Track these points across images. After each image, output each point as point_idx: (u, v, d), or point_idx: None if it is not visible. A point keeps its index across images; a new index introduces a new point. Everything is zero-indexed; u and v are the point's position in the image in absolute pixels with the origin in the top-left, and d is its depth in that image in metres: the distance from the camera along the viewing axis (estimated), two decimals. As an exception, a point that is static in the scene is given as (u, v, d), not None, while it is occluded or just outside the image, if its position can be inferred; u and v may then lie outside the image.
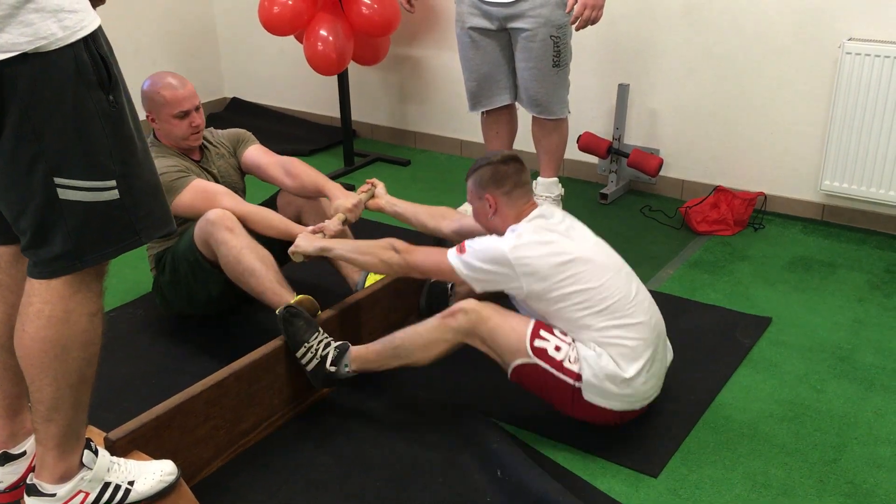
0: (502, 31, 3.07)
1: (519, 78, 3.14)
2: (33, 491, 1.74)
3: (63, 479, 1.74)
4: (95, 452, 1.79)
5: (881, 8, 3.28)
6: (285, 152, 4.52)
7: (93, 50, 1.51)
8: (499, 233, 2.31)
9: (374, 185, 2.78)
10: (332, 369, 2.31)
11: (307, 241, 2.47)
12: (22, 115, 1.47)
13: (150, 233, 1.68)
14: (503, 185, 2.31)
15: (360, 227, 2.75)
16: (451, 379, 2.48)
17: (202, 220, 2.55)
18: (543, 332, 2.19)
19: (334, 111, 4.65)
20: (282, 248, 2.57)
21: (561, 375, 2.17)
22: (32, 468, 1.79)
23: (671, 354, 2.39)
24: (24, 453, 1.89)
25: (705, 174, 3.87)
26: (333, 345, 2.32)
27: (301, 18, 3.94)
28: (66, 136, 1.51)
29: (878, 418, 2.38)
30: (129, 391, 2.52)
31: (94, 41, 1.52)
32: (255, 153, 2.91)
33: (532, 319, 2.22)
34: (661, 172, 3.86)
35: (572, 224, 2.32)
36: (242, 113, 5.22)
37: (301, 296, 2.43)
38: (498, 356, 2.23)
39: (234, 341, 2.69)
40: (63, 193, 1.54)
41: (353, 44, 4.06)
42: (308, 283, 2.76)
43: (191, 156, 2.81)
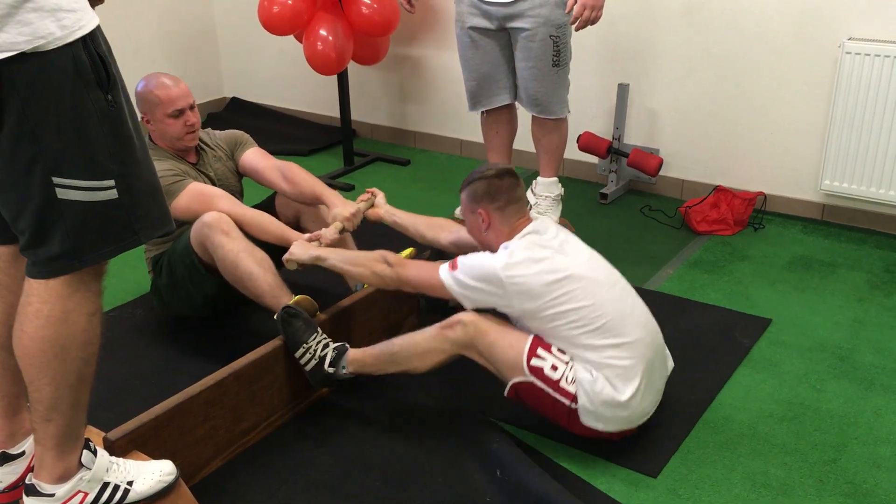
0: (502, 30, 3.07)
1: (519, 77, 3.13)
2: (32, 491, 1.74)
3: (62, 479, 1.74)
4: (94, 452, 1.79)
5: (881, 8, 3.28)
6: (285, 152, 4.58)
7: (91, 49, 1.51)
8: (492, 248, 2.29)
9: (373, 194, 2.76)
10: (331, 370, 2.31)
11: (301, 249, 2.45)
12: (20, 114, 1.47)
13: (148, 232, 1.68)
14: (496, 200, 2.28)
15: (362, 229, 2.74)
16: (451, 379, 2.48)
17: (198, 223, 2.54)
18: (541, 351, 2.16)
19: (334, 111, 4.64)
20: (279, 249, 2.56)
21: (557, 396, 2.15)
22: (31, 468, 1.79)
23: (671, 363, 2.36)
24: (22, 453, 1.89)
25: (705, 174, 3.87)
26: (332, 346, 2.32)
27: (301, 18, 3.94)
28: (65, 135, 1.51)
29: (877, 418, 2.38)
30: (128, 391, 2.52)
31: (92, 40, 1.52)
32: (253, 156, 2.88)
33: (530, 336, 2.19)
34: (660, 172, 3.85)
35: (566, 239, 2.28)
36: (242, 113, 5.21)
37: (300, 296, 2.42)
38: (495, 370, 2.22)
39: (233, 341, 2.68)
40: (62, 193, 1.54)
41: (353, 43, 4.06)
42: (307, 284, 2.76)
43: (187, 158, 2.79)
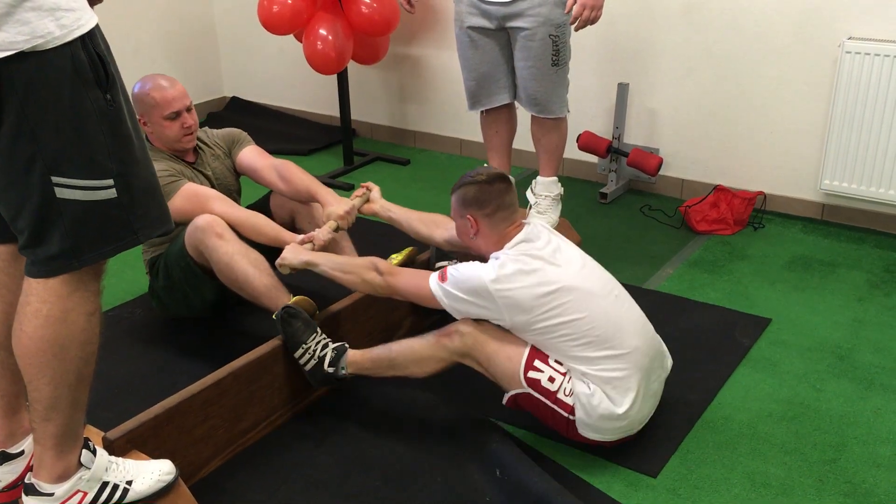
0: (501, 30, 3.07)
1: (518, 77, 3.13)
2: (31, 490, 1.74)
3: (61, 478, 1.74)
4: (94, 452, 1.79)
5: (881, 7, 3.28)
6: (285, 152, 4.57)
7: (90, 48, 1.51)
8: (480, 253, 2.28)
9: (368, 188, 2.75)
10: (330, 370, 2.30)
11: (293, 253, 2.43)
12: (19, 113, 1.47)
13: (147, 232, 1.68)
14: (486, 207, 2.24)
15: (362, 228, 2.74)
16: (450, 379, 2.47)
17: (191, 226, 2.52)
18: (538, 363, 2.15)
19: (334, 110, 4.64)
20: (274, 249, 2.53)
21: (555, 407, 2.15)
22: (30, 467, 1.78)
23: (669, 362, 2.35)
24: (22, 452, 1.89)
25: (705, 173, 3.86)
26: (331, 346, 2.32)
27: (300, 17, 3.94)
28: (64, 134, 1.51)
29: (877, 417, 2.38)
30: (128, 391, 2.52)
31: (91, 40, 1.51)
32: (250, 155, 2.87)
33: (527, 347, 2.17)
34: (660, 172, 3.85)
35: (559, 245, 2.23)
36: (242, 112, 5.21)
37: (298, 297, 2.42)
38: (493, 380, 2.22)
39: (232, 341, 2.68)
40: (60, 192, 1.53)
41: (353, 43, 4.06)
42: (307, 283, 2.75)
43: (185, 158, 2.78)
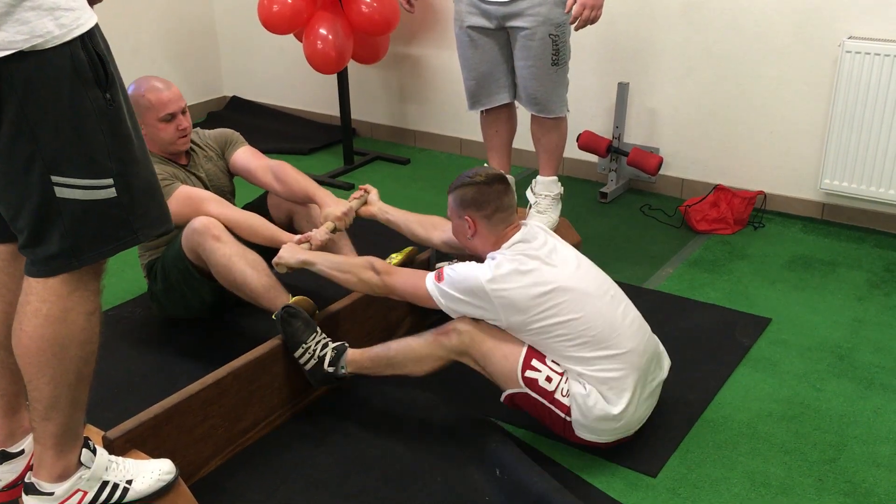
0: (501, 29, 3.07)
1: (518, 76, 3.13)
2: (31, 489, 1.74)
3: (61, 477, 1.74)
4: (94, 451, 1.79)
5: (881, 7, 3.28)
6: (285, 151, 4.58)
7: (90, 48, 1.51)
8: (477, 253, 2.28)
9: (366, 191, 2.74)
10: (330, 370, 2.30)
11: (290, 253, 2.42)
12: (19, 113, 1.47)
13: (147, 231, 1.68)
14: (484, 208, 2.23)
15: (360, 228, 2.73)
16: (450, 378, 2.47)
17: (187, 229, 2.51)
18: (535, 362, 2.15)
19: (334, 110, 4.64)
20: (272, 250, 2.52)
21: (552, 407, 2.15)
22: (30, 467, 1.78)
23: (667, 362, 2.34)
24: (21, 452, 1.89)
25: (705, 173, 3.86)
26: (331, 346, 2.32)
27: (300, 17, 3.94)
28: (63, 134, 1.51)
29: (877, 417, 2.38)
30: (128, 390, 2.51)
31: (90, 39, 1.51)
32: (244, 156, 2.85)
33: (525, 346, 2.17)
34: (660, 171, 3.85)
35: (555, 246, 2.23)
36: (242, 112, 5.21)
37: (298, 297, 2.41)
38: (491, 379, 2.22)
39: (232, 341, 2.68)
40: (60, 192, 1.53)
41: (353, 42, 4.05)
42: (305, 283, 2.75)
43: (178, 160, 2.76)
